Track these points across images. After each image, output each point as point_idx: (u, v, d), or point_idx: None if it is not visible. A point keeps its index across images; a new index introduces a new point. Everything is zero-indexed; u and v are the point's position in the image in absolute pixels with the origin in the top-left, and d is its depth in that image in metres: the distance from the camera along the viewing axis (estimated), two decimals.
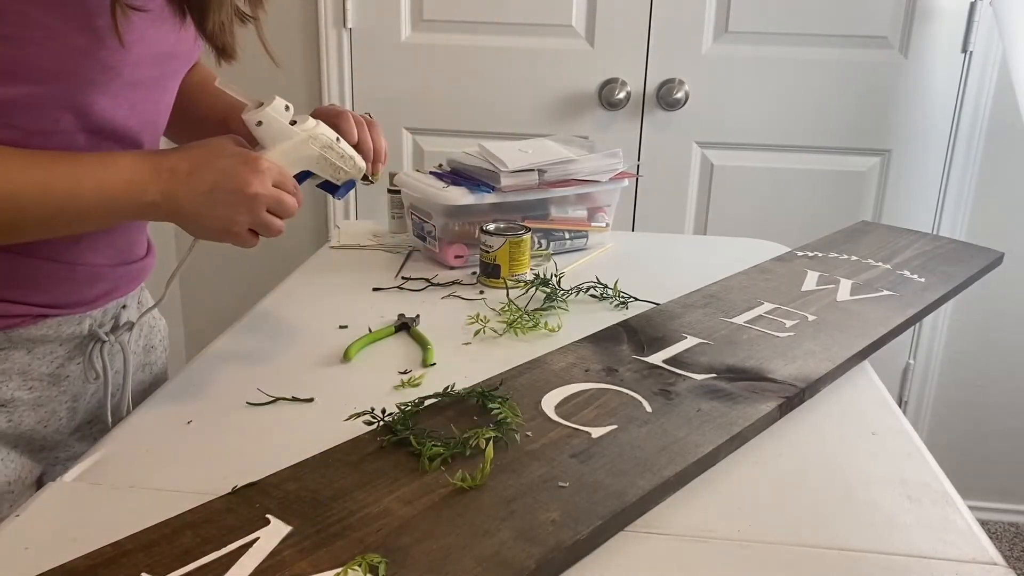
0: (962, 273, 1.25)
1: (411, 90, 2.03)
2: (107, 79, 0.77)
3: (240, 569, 0.59)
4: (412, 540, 0.63)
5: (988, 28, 1.87)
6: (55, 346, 0.87)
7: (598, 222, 1.43)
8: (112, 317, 0.93)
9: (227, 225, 0.79)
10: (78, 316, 0.88)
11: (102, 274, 0.88)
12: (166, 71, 0.86)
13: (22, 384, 0.85)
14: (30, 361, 0.85)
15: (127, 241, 0.91)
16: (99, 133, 0.80)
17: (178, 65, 0.89)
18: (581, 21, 1.96)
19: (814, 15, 1.90)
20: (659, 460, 0.74)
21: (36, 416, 0.87)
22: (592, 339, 1.00)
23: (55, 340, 0.86)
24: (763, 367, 0.93)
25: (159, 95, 0.87)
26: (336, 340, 1.03)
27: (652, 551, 0.67)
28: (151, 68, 0.82)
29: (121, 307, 0.94)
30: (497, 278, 1.23)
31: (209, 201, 0.78)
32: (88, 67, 0.74)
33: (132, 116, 0.83)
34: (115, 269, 0.90)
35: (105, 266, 0.88)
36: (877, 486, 0.76)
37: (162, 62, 0.84)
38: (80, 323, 0.88)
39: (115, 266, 0.90)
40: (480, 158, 1.33)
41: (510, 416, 0.79)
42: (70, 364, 0.89)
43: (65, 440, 0.92)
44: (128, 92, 0.81)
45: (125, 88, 0.80)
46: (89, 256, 0.86)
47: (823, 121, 1.97)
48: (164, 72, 0.86)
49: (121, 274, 0.91)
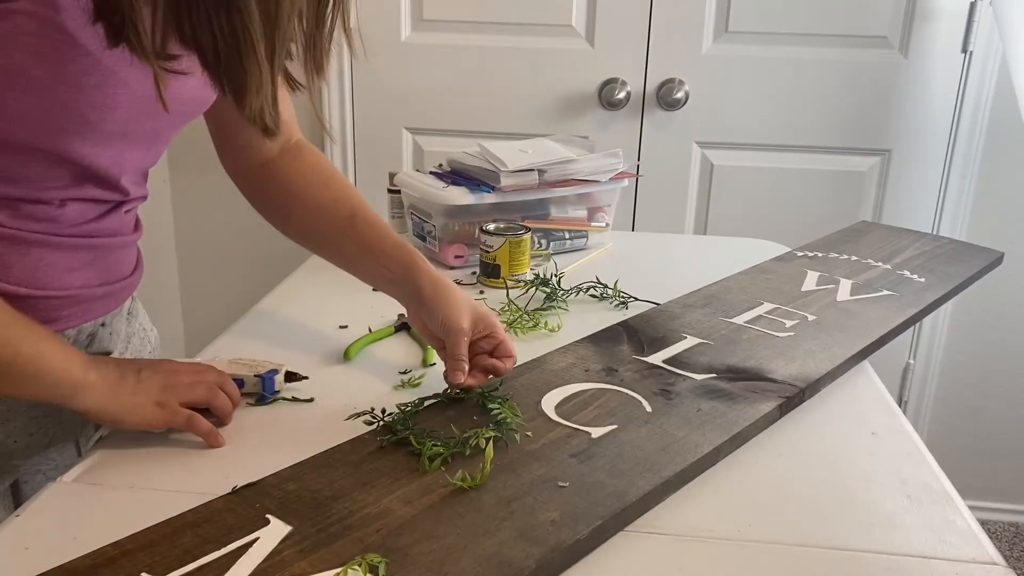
0: (962, 273, 1.25)
1: (411, 90, 2.03)
2: (86, 132, 0.73)
3: (240, 569, 0.59)
4: (412, 540, 0.63)
5: (988, 28, 1.86)
6: None
7: (598, 222, 1.43)
8: (88, 335, 0.87)
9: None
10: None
11: (79, 296, 0.83)
12: (162, 124, 0.82)
13: None
14: None
15: (112, 260, 0.87)
16: (81, 175, 0.77)
17: (177, 120, 0.84)
18: (581, 21, 1.96)
19: (814, 15, 1.90)
20: (659, 460, 0.74)
21: (4, 431, 0.82)
22: (592, 339, 1.00)
23: None
24: (763, 367, 0.93)
25: (151, 144, 0.83)
26: (336, 340, 1.03)
27: (652, 551, 0.67)
28: (144, 122, 0.78)
29: (100, 325, 0.88)
30: (497, 278, 1.23)
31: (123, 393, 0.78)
32: (68, 120, 0.71)
33: (115, 164, 0.79)
34: (94, 290, 0.85)
35: (83, 288, 0.83)
36: (877, 486, 0.76)
37: (157, 116, 0.79)
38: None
39: (96, 286, 0.85)
40: (480, 158, 1.33)
41: (510, 416, 0.79)
42: None
43: (43, 453, 0.88)
44: (113, 141, 0.77)
45: (109, 138, 0.76)
46: (66, 279, 0.81)
47: (823, 121, 1.97)
48: (159, 125, 0.82)
49: (101, 295, 0.86)
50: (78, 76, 0.69)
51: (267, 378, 0.88)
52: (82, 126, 0.73)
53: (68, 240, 0.80)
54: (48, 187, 0.76)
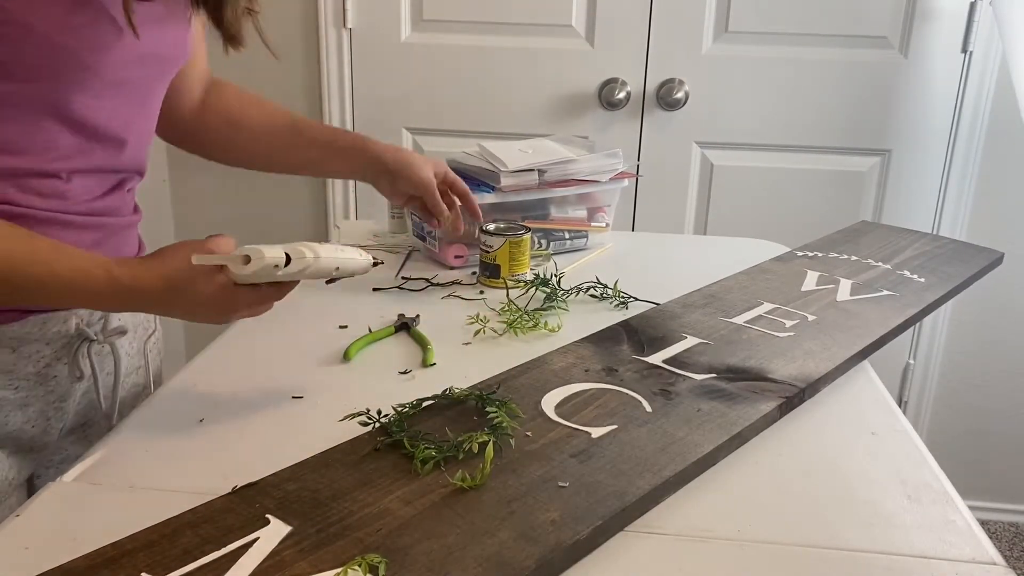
0: (962, 273, 1.25)
1: (411, 90, 2.03)
2: (85, 78, 0.76)
3: (240, 569, 0.59)
4: (412, 540, 0.63)
5: (988, 28, 1.86)
6: (41, 345, 0.85)
7: (598, 222, 1.43)
8: (101, 317, 0.91)
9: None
10: (64, 314, 0.86)
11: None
12: (151, 73, 0.86)
13: (7, 384, 0.83)
14: (15, 360, 0.83)
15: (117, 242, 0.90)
16: (81, 133, 0.79)
17: (165, 67, 0.88)
18: (581, 21, 1.96)
19: (814, 15, 1.90)
20: (659, 460, 0.74)
21: (23, 416, 0.85)
22: (592, 339, 1.00)
23: (40, 339, 0.85)
24: (763, 367, 0.93)
25: (144, 97, 0.87)
26: (336, 340, 1.03)
27: (652, 551, 0.67)
28: (134, 69, 0.82)
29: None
30: (497, 278, 1.23)
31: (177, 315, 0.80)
32: (66, 65, 0.74)
33: (114, 117, 0.82)
34: None
35: None
36: (877, 486, 0.76)
37: (147, 64, 0.83)
38: (66, 321, 0.86)
39: None
40: (480, 158, 1.33)
41: (506, 421, 0.78)
42: (57, 364, 0.87)
43: (56, 442, 0.91)
44: (110, 92, 0.80)
45: (107, 88, 0.79)
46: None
47: (823, 121, 1.97)
48: (149, 74, 0.85)
49: None
50: (67, 16, 0.72)
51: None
52: (81, 71, 0.75)
53: (76, 219, 0.83)
54: (54, 158, 0.79)
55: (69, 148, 0.79)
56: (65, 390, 0.89)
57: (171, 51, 0.87)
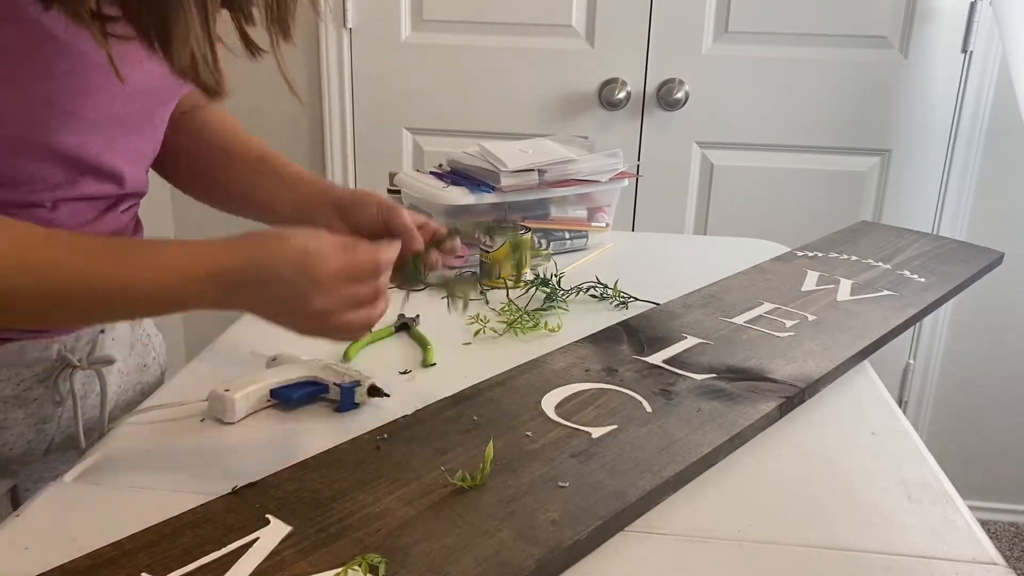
0: (962, 273, 1.25)
1: (411, 90, 2.03)
2: (67, 121, 0.71)
3: (240, 569, 0.59)
4: (412, 540, 0.63)
5: (988, 28, 1.87)
6: (20, 368, 0.81)
7: (598, 222, 1.43)
8: (88, 342, 0.86)
9: (299, 332, 0.73)
10: (44, 341, 0.81)
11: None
12: (149, 104, 0.80)
13: None
14: None
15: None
16: (68, 166, 0.74)
17: (164, 96, 0.82)
18: (581, 21, 1.96)
19: (814, 15, 1.90)
20: (659, 460, 0.74)
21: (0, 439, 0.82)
22: (592, 339, 1.00)
23: (20, 363, 0.80)
24: (763, 367, 0.93)
25: (143, 125, 0.81)
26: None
27: (652, 551, 0.67)
28: (129, 105, 0.76)
29: (99, 331, 0.87)
30: (497, 278, 1.23)
31: (274, 315, 0.72)
32: (48, 113, 0.69)
33: (107, 150, 0.77)
34: None
35: None
36: (877, 486, 0.76)
37: (140, 98, 0.77)
38: (47, 349, 0.82)
39: None
40: (480, 158, 1.33)
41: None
42: (38, 387, 0.83)
43: (40, 460, 0.87)
44: (103, 127, 0.75)
45: (97, 125, 0.74)
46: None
47: (823, 121, 1.97)
48: (146, 106, 0.79)
49: None
50: (47, 65, 0.66)
51: (346, 389, 0.86)
52: (63, 117, 0.70)
53: None
54: (37, 189, 0.74)
55: (55, 179, 0.74)
56: (46, 413, 0.85)
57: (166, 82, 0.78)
